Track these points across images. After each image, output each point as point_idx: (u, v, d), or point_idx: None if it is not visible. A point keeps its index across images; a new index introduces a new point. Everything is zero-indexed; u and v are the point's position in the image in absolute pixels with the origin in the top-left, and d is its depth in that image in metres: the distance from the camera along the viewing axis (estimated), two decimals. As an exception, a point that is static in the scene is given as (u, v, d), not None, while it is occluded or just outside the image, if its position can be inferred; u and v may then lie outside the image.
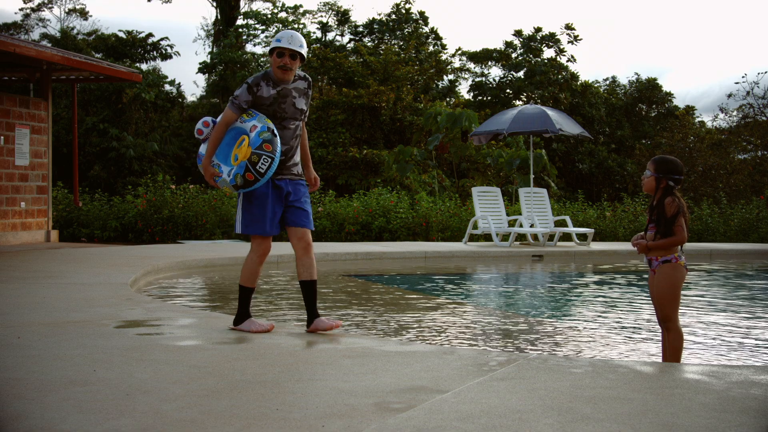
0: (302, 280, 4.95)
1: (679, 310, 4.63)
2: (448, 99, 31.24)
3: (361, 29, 33.02)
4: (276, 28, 31.86)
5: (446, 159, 24.34)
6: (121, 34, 29.77)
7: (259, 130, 4.78)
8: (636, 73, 38.61)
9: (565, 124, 14.90)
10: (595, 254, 13.78)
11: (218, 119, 4.96)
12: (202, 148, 5.02)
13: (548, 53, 32.12)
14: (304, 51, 4.88)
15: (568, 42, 32.38)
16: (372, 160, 24.52)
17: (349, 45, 33.10)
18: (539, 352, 5.30)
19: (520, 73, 31.51)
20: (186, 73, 74.62)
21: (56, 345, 4.39)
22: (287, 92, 4.91)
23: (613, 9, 67.06)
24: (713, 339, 5.96)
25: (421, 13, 33.06)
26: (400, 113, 26.92)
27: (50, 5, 36.33)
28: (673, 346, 4.56)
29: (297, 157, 5.02)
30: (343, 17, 33.89)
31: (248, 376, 3.75)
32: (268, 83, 4.88)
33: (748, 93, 29.27)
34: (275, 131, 4.80)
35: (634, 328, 6.47)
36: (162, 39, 30.08)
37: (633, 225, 18.00)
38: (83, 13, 36.78)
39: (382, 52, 29.45)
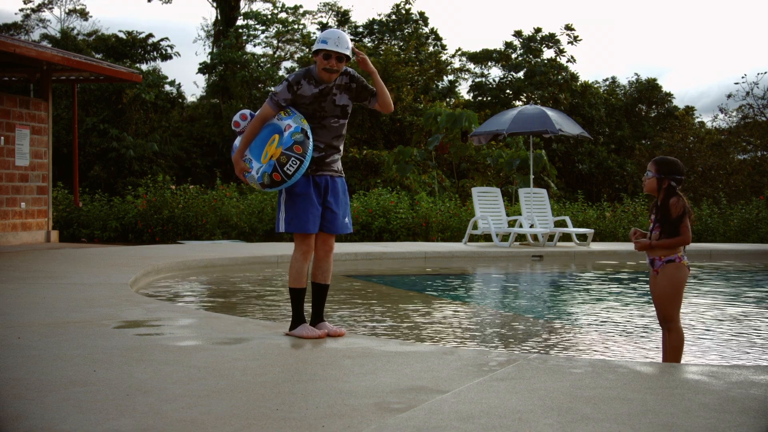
0: (316, 282, 4.92)
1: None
2: (448, 99, 31.22)
3: (361, 30, 32.99)
4: (276, 29, 31.85)
5: (446, 159, 24.34)
6: (121, 35, 29.78)
7: (292, 130, 4.63)
8: (636, 74, 38.55)
9: (564, 124, 14.90)
10: (594, 254, 13.78)
11: (256, 113, 4.82)
12: (238, 141, 4.87)
13: (548, 54, 32.14)
14: (350, 51, 4.72)
15: (568, 42, 32.40)
16: (372, 160, 24.51)
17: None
18: (539, 352, 5.30)
19: (520, 74, 31.50)
20: (186, 74, 74.68)
21: (56, 345, 4.39)
22: (328, 90, 4.75)
23: (613, 9, 67.08)
24: (713, 339, 5.96)
25: (421, 14, 33.05)
26: (400, 113, 26.92)
27: (50, 6, 36.33)
28: (673, 347, 4.56)
29: (338, 155, 4.85)
30: (343, 18, 33.86)
31: (248, 376, 3.75)
32: (310, 82, 4.72)
33: (747, 93, 29.26)
34: (309, 133, 4.64)
35: (634, 328, 6.47)
36: (162, 39, 30.09)
37: (633, 225, 17.99)
38: (83, 14, 36.78)
39: (382, 52, 29.43)
